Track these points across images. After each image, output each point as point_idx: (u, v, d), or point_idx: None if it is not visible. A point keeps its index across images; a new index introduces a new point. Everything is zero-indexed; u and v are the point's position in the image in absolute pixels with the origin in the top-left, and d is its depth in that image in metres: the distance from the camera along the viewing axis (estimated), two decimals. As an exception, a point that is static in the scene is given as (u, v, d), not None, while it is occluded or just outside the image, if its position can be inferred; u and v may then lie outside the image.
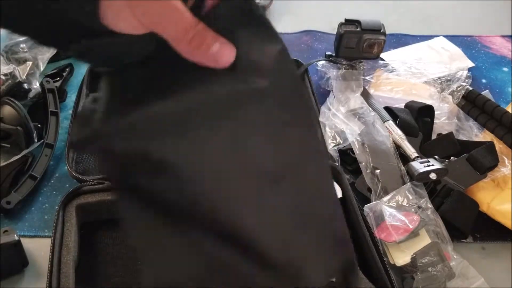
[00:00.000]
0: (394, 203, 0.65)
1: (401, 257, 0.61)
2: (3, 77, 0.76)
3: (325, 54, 0.92)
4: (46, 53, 0.85)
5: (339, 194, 0.65)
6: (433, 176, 0.66)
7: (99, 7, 0.27)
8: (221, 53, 0.30)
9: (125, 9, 0.27)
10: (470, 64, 0.96)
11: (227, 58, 0.30)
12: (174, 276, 0.32)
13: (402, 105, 0.81)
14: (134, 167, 0.30)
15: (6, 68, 0.77)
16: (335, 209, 0.36)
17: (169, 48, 0.29)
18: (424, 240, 0.62)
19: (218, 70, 0.30)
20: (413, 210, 0.64)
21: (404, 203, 0.65)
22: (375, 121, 0.74)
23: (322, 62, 0.91)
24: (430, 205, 0.65)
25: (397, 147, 0.72)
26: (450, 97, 0.83)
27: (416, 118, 0.77)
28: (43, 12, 0.28)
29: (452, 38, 1.03)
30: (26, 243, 0.60)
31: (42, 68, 0.84)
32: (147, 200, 0.31)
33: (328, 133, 0.75)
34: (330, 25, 1.04)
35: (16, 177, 0.69)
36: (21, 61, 0.82)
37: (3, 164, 0.67)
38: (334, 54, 0.90)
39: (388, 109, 0.79)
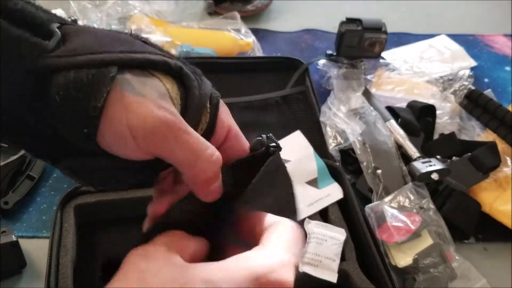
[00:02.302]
0: (396, 204, 0.64)
1: (402, 258, 0.60)
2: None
3: (326, 53, 0.91)
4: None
5: (340, 194, 0.65)
6: (435, 176, 0.65)
7: (98, 128, 0.25)
8: (216, 190, 0.30)
9: (130, 139, 0.26)
10: (473, 63, 0.95)
11: (215, 197, 0.30)
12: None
13: (403, 105, 0.81)
14: None
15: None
16: None
17: None
18: (426, 241, 0.61)
19: None
20: (414, 210, 0.63)
21: (406, 204, 0.64)
22: (376, 120, 0.73)
23: (323, 61, 0.90)
24: (432, 206, 0.64)
25: (399, 147, 0.72)
26: (452, 96, 0.83)
27: (418, 118, 0.77)
28: (36, 128, 0.27)
29: (454, 37, 1.02)
30: (24, 243, 0.60)
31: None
32: None
33: (329, 132, 0.74)
34: (331, 24, 1.03)
35: (14, 177, 0.68)
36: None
37: (1, 164, 0.66)
38: (335, 53, 0.89)
39: (389, 108, 0.78)
